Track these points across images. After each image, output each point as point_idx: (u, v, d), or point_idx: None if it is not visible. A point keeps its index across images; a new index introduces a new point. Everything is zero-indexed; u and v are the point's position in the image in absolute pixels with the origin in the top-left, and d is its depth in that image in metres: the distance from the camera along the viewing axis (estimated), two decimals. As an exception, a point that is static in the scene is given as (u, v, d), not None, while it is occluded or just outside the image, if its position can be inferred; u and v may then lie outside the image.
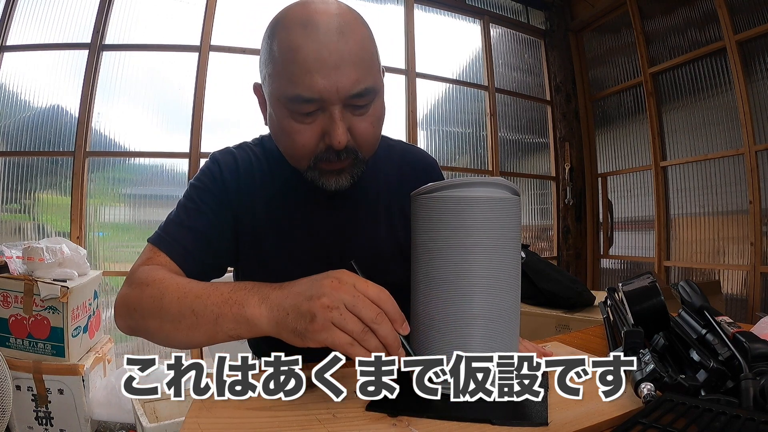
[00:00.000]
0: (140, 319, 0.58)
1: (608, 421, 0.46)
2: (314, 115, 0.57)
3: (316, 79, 0.54)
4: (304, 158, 0.61)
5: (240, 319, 0.50)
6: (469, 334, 0.51)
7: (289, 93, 0.56)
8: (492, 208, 0.51)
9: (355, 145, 0.60)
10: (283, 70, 0.56)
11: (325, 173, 0.62)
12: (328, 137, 0.58)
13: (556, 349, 0.72)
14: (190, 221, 0.67)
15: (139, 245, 2.54)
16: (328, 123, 0.57)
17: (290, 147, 0.61)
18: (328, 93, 0.55)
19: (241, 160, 0.71)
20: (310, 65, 0.54)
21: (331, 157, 0.60)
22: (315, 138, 0.59)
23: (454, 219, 0.51)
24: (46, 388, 1.77)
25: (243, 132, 2.70)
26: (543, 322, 1.69)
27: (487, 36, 3.29)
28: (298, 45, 0.55)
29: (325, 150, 0.59)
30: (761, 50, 2.43)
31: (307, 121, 0.58)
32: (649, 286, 0.63)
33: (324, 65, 0.54)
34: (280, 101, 0.58)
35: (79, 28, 2.49)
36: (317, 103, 0.56)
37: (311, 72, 0.54)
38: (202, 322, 0.52)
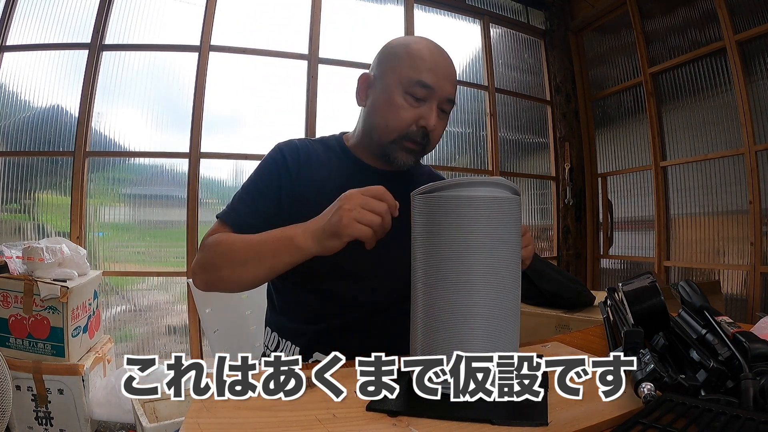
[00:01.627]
0: (215, 272, 0.76)
1: (608, 421, 0.46)
2: (420, 102, 0.79)
3: (435, 78, 0.78)
4: (396, 131, 0.80)
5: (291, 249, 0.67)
6: (469, 333, 0.50)
7: (414, 76, 0.78)
8: (492, 208, 0.51)
9: (431, 139, 0.81)
10: (413, 63, 0.78)
11: (401, 150, 0.81)
12: (423, 120, 0.79)
13: (556, 349, 0.72)
14: (253, 201, 0.82)
15: (139, 245, 2.55)
16: (427, 111, 0.79)
17: (393, 118, 0.79)
18: (439, 90, 0.79)
19: (302, 148, 0.87)
20: (433, 66, 0.79)
21: (416, 137, 0.80)
22: (413, 118, 0.79)
23: (455, 219, 0.51)
24: (46, 388, 1.77)
25: (243, 132, 2.70)
26: (543, 322, 1.69)
27: (487, 36, 3.29)
28: (429, 54, 0.80)
29: (415, 131, 0.80)
30: (761, 50, 2.43)
31: (414, 104, 0.79)
32: (649, 286, 0.63)
33: (442, 72, 0.80)
34: (401, 83, 0.79)
35: (79, 28, 2.49)
36: (428, 92, 0.78)
37: (433, 71, 0.78)
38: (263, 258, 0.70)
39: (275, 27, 2.75)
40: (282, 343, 0.86)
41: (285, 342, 0.86)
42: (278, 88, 2.77)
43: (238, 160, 2.63)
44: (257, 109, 2.73)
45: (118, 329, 2.45)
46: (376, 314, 0.84)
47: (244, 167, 2.66)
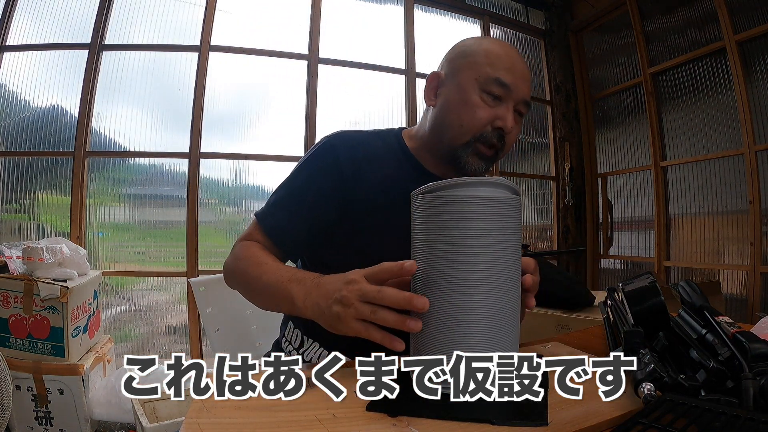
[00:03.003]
0: (235, 284, 0.77)
1: (608, 421, 0.46)
2: (496, 101, 0.75)
3: (514, 77, 0.75)
4: (470, 131, 0.75)
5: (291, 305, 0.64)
6: (469, 333, 0.50)
7: (492, 74, 0.74)
8: (492, 208, 0.51)
9: (506, 142, 0.77)
10: (490, 61, 0.75)
11: (474, 154, 0.76)
12: (500, 121, 0.74)
13: (556, 349, 0.72)
14: (295, 208, 0.78)
15: (139, 245, 2.55)
16: (504, 111, 0.75)
17: (468, 117, 0.75)
18: (516, 89, 0.75)
19: (359, 144, 0.81)
20: (511, 66, 0.75)
21: (492, 140, 0.75)
22: (489, 118, 0.75)
23: (454, 218, 0.51)
24: (46, 388, 1.77)
25: (243, 132, 2.70)
26: (543, 322, 1.69)
27: (487, 36, 3.29)
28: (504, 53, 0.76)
29: (490, 132, 0.75)
30: (761, 50, 2.43)
31: (491, 103, 0.75)
32: (649, 286, 0.63)
33: (520, 73, 0.76)
34: (477, 80, 0.75)
35: (79, 28, 2.49)
36: (506, 91, 0.74)
37: (511, 70, 0.75)
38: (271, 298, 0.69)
39: (275, 27, 2.75)
40: (307, 343, 0.83)
41: (312, 342, 0.82)
42: (278, 88, 2.77)
43: (238, 160, 2.64)
44: (257, 109, 2.73)
45: (118, 329, 2.45)
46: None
47: (244, 167, 2.66)
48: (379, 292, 0.53)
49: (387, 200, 0.76)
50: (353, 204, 0.77)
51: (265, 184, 2.71)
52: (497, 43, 0.79)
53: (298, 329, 0.85)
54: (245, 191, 2.68)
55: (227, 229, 2.68)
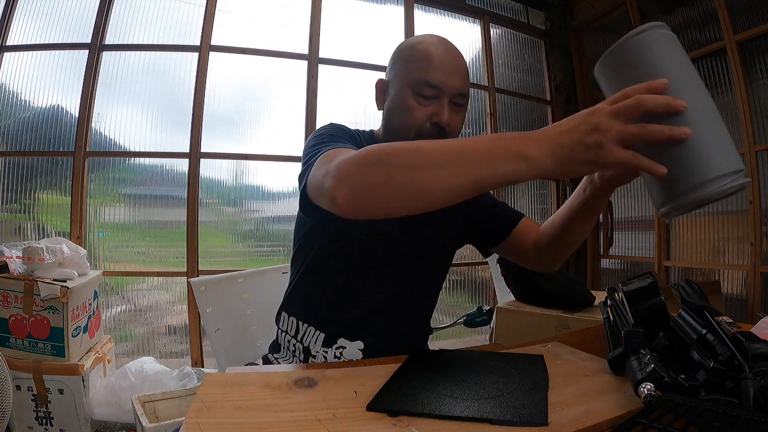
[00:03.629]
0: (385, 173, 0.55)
1: (608, 421, 0.46)
2: (430, 100, 0.80)
3: (440, 75, 0.79)
4: (411, 130, 0.80)
5: (520, 158, 0.51)
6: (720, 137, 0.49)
7: (421, 78, 0.79)
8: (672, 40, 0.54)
9: (448, 134, 0.81)
10: (419, 65, 0.80)
11: None
12: (436, 117, 0.80)
13: (556, 349, 0.72)
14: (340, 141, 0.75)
15: (139, 245, 2.55)
16: (439, 108, 0.80)
17: (406, 118, 0.81)
18: (445, 86, 0.79)
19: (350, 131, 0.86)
20: (439, 65, 0.79)
21: (432, 133, 0.80)
22: (426, 116, 0.80)
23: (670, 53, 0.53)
24: (46, 388, 1.77)
25: (243, 132, 2.71)
26: (543, 322, 1.69)
27: (487, 36, 3.29)
28: (434, 52, 0.80)
29: (429, 128, 0.80)
30: (761, 50, 2.43)
31: (425, 103, 0.80)
32: (649, 286, 0.63)
33: (447, 68, 0.80)
34: (410, 86, 0.80)
35: (79, 28, 2.49)
36: (436, 91, 0.79)
37: (439, 69, 0.79)
38: (472, 164, 0.53)
39: (275, 27, 2.75)
40: (302, 328, 0.87)
41: (307, 327, 0.86)
42: (278, 88, 2.77)
43: (238, 160, 2.64)
44: (257, 109, 2.73)
45: (118, 329, 2.45)
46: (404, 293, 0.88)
47: (244, 167, 2.67)
48: (637, 101, 0.48)
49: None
50: None
51: (265, 184, 2.71)
52: (428, 42, 0.82)
53: (293, 317, 0.88)
54: (245, 191, 2.68)
55: (227, 229, 2.68)
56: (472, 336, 2.86)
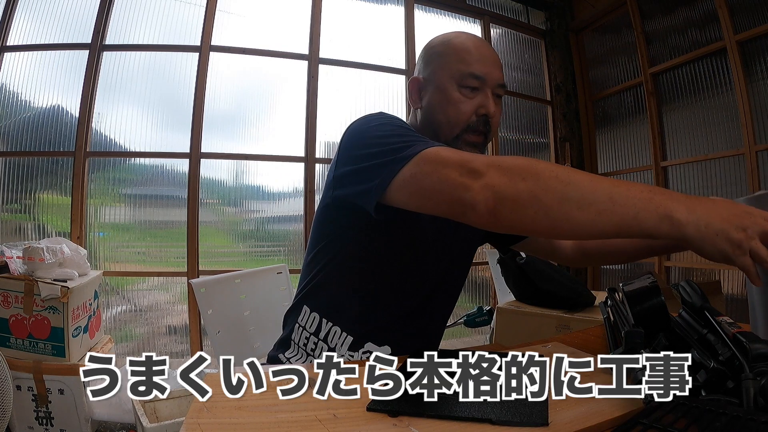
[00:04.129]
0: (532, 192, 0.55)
1: (608, 421, 0.46)
2: (475, 92, 0.80)
3: (483, 66, 0.80)
4: (459, 124, 0.80)
5: (665, 219, 0.51)
6: None
7: (465, 70, 0.79)
8: None
9: (491, 125, 0.82)
10: (460, 57, 0.80)
11: (466, 144, 0.81)
12: (483, 108, 0.80)
13: (556, 349, 0.72)
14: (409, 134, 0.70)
15: (139, 245, 2.55)
16: (484, 99, 0.80)
17: (452, 112, 0.80)
18: (489, 77, 0.80)
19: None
20: (480, 57, 0.81)
21: (479, 127, 0.80)
22: (473, 108, 0.80)
23: None
24: (46, 388, 1.77)
25: (243, 132, 2.71)
26: (543, 322, 1.69)
27: (487, 36, 3.29)
28: (472, 45, 0.82)
29: (476, 121, 0.80)
30: (761, 50, 2.43)
31: (470, 95, 0.80)
32: (649, 287, 0.63)
33: (488, 60, 0.81)
34: (453, 78, 0.80)
35: (79, 28, 2.49)
36: (480, 82, 0.80)
37: (481, 62, 0.80)
38: (618, 209, 0.52)
39: (275, 27, 2.75)
40: (325, 326, 0.82)
41: (332, 326, 0.81)
42: (279, 88, 2.77)
43: (238, 160, 2.64)
44: (258, 110, 2.73)
45: (118, 329, 2.45)
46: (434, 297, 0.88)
47: (244, 167, 2.67)
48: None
49: None
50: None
51: (265, 185, 2.71)
52: (464, 37, 0.84)
53: (315, 313, 0.83)
54: (246, 191, 2.68)
55: (228, 229, 2.68)
56: (472, 336, 2.86)
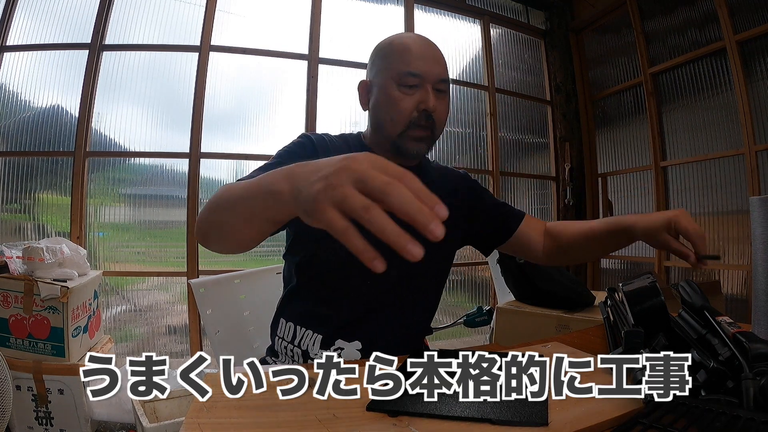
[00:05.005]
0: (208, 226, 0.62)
1: (608, 421, 0.46)
2: (414, 89, 0.82)
3: (421, 63, 0.82)
4: (401, 122, 0.83)
5: (270, 193, 0.47)
6: None
7: (402, 69, 0.82)
8: None
9: (435, 120, 0.84)
10: (400, 58, 0.83)
11: (411, 140, 0.84)
12: (423, 104, 0.82)
13: (556, 349, 0.72)
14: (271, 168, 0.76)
15: (139, 245, 2.55)
16: (424, 95, 0.82)
17: (394, 111, 0.83)
18: (427, 73, 0.82)
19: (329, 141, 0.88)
20: (418, 54, 0.83)
21: (421, 122, 0.82)
22: (413, 105, 0.82)
23: None
24: (46, 388, 1.77)
25: (243, 132, 2.70)
26: (543, 322, 1.69)
27: (487, 36, 3.29)
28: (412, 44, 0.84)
29: (417, 116, 0.82)
30: (761, 50, 2.43)
31: (410, 92, 0.82)
32: (649, 286, 0.63)
33: (426, 56, 0.83)
34: (393, 78, 0.83)
35: (79, 28, 2.49)
36: (419, 79, 0.82)
37: (420, 59, 0.83)
38: (249, 207, 0.52)
39: (275, 27, 2.75)
40: (300, 332, 0.86)
41: (304, 331, 0.86)
42: (278, 88, 2.77)
43: (238, 160, 2.64)
44: (257, 109, 2.73)
45: (118, 329, 2.45)
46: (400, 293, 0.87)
47: (244, 167, 2.66)
48: (388, 184, 0.37)
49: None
50: None
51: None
52: (404, 37, 0.87)
53: (291, 322, 0.88)
54: (245, 191, 2.68)
55: (227, 229, 2.67)
56: (472, 336, 2.86)
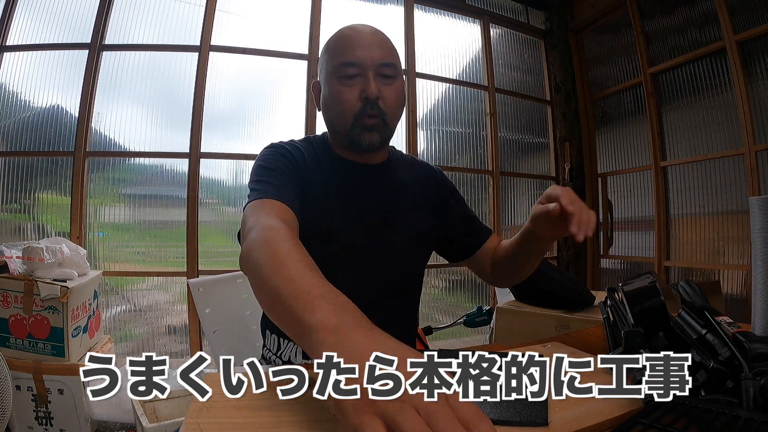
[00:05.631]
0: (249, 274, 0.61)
1: (608, 421, 0.46)
2: (355, 78, 0.79)
3: (358, 51, 0.79)
4: (347, 115, 0.80)
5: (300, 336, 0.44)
6: None
7: (339, 61, 0.79)
8: None
9: (384, 108, 0.80)
10: (335, 51, 0.81)
11: (362, 130, 0.80)
12: (364, 92, 0.78)
13: (556, 349, 0.72)
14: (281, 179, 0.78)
15: (139, 245, 2.55)
16: (365, 83, 0.79)
17: (339, 105, 0.80)
18: (365, 60, 0.79)
19: (292, 146, 0.87)
20: (354, 43, 0.80)
21: (367, 110, 0.79)
22: (356, 95, 0.79)
23: None
24: (46, 388, 1.77)
25: (243, 132, 2.70)
26: (543, 322, 1.69)
27: (487, 36, 3.29)
28: (347, 34, 0.81)
29: (362, 106, 0.79)
30: (761, 50, 2.43)
31: (350, 83, 0.79)
32: (649, 286, 0.63)
33: (363, 43, 0.80)
34: (333, 73, 0.80)
35: (79, 28, 2.49)
36: (358, 68, 0.79)
37: (355, 47, 0.79)
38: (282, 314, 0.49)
39: (275, 27, 2.75)
40: (283, 344, 0.86)
41: (287, 342, 0.86)
42: (278, 88, 2.77)
43: (238, 160, 2.64)
44: (257, 109, 2.74)
45: (118, 329, 2.45)
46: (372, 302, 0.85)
47: (244, 167, 2.67)
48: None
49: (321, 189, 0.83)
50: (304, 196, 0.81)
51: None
52: (343, 29, 0.83)
53: (275, 335, 0.88)
54: (245, 191, 2.67)
55: (227, 229, 2.68)
56: (472, 336, 2.86)
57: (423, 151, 3.05)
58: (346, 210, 0.84)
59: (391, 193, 0.89)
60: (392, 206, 0.88)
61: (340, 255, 0.82)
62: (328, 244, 0.80)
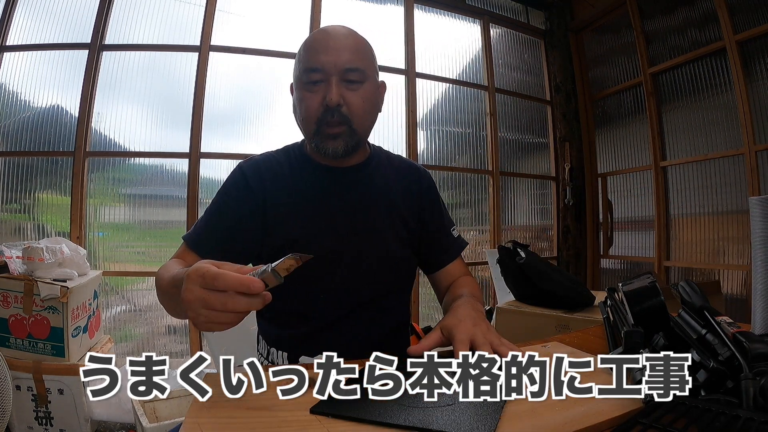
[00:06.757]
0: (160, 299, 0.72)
1: (608, 421, 0.46)
2: (319, 84, 0.77)
3: (322, 56, 0.77)
4: (311, 121, 0.78)
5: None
6: None
7: (304, 66, 0.78)
8: None
9: (348, 114, 0.78)
10: (304, 55, 0.79)
11: (325, 138, 0.78)
12: (326, 99, 0.76)
13: (556, 349, 0.72)
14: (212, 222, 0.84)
15: (139, 245, 2.55)
16: (326, 89, 0.76)
17: (303, 112, 0.79)
18: (328, 65, 0.76)
19: (263, 163, 0.88)
20: (319, 48, 0.77)
21: (328, 118, 0.77)
22: (318, 102, 0.77)
23: None
24: (46, 388, 1.77)
25: (243, 132, 2.70)
26: (543, 322, 1.69)
27: (487, 36, 3.29)
28: (314, 39, 0.79)
29: (323, 112, 0.77)
30: (761, 50, 2.43)
31: (314, 89, 0.77)
32: (649, 286, 0.63)
33: (328, 48, 0.77)
34: (300, 79, 0.79)
35: (79, 28, 2.49)
36: (321, 74, 0.76)
37: (319, 52, 0.77)
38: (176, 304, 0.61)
39: (275, 27, 2.75)
40: (272, 352, 0.87)
41: (275, 351, 0.87)
42: (278, 88, 2.77)
43: (238, 160, 2.63)
44: (257, 109, 2.73)
45: (118, 329, 2.45)
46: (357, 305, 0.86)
47: (244, 167, 2.66)
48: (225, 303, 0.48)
49: (292, 198, 0.84)
50: (271, 209, 0.83)
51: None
52: (312, 34, 0.81)
53: (265, 341, 0.90)
54: (245, 191, 2.68)
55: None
56: (472, 336, 2.86)
57: (423, 151, 3.05)
58: (317, 215, 0.83)
59: (366, 196, 0.87)
60: (367, 209, 0.86)
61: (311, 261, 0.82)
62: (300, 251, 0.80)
